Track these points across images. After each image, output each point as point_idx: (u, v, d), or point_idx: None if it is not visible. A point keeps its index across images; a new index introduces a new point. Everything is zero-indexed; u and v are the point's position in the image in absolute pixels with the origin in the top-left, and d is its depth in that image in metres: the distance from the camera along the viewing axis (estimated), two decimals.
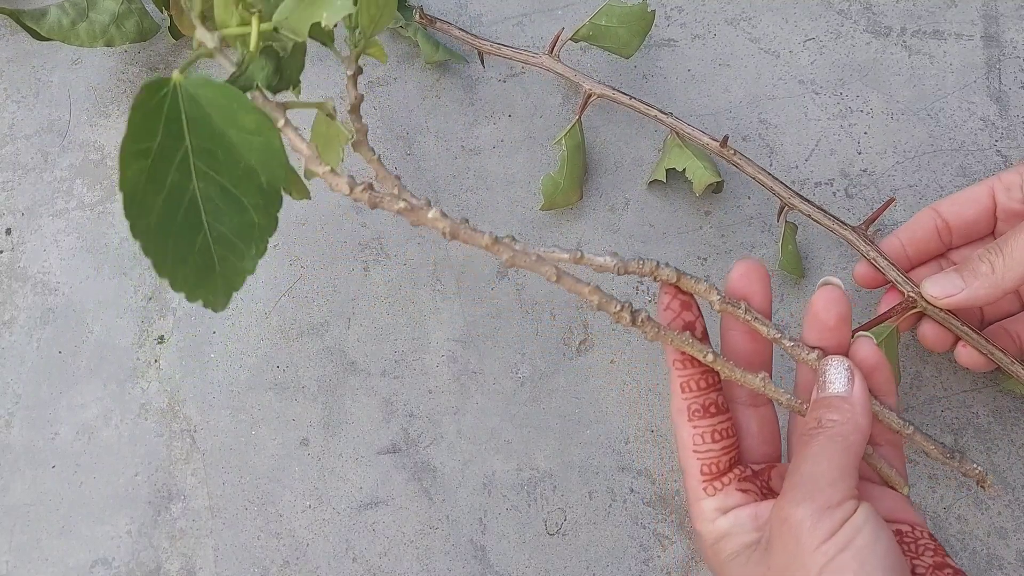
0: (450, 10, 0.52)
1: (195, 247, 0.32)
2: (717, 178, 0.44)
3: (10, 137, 0.51)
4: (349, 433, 0.45)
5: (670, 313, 0.34)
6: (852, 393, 0.32)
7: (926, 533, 0.33)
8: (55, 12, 0.48)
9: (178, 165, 0.31)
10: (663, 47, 0.51)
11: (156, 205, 0.31)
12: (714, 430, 0.33)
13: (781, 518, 0.29)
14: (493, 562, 0.43)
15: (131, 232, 0.31)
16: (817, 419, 0.32)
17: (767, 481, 0.34)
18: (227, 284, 0.34)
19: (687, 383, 0.34)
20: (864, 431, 0.31)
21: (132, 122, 0.30)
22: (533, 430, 0.44)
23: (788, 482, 0.30)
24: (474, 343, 0.46)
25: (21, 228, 0.49)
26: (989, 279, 0.35)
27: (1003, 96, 0.48)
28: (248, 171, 0.32)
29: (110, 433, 0.45)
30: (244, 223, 0.33)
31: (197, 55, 0.33)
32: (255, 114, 0.31)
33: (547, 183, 0.46)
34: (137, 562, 0.43)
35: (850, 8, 0.51)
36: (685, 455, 0.33)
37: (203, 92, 0.31)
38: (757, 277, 0.35)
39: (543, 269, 0.32)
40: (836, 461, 0.30)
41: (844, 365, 0.33)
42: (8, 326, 0.47)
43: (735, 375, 0.33)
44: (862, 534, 0.28)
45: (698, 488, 0.33)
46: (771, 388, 0.34)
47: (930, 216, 0.40)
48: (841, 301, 0.33)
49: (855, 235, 0.41)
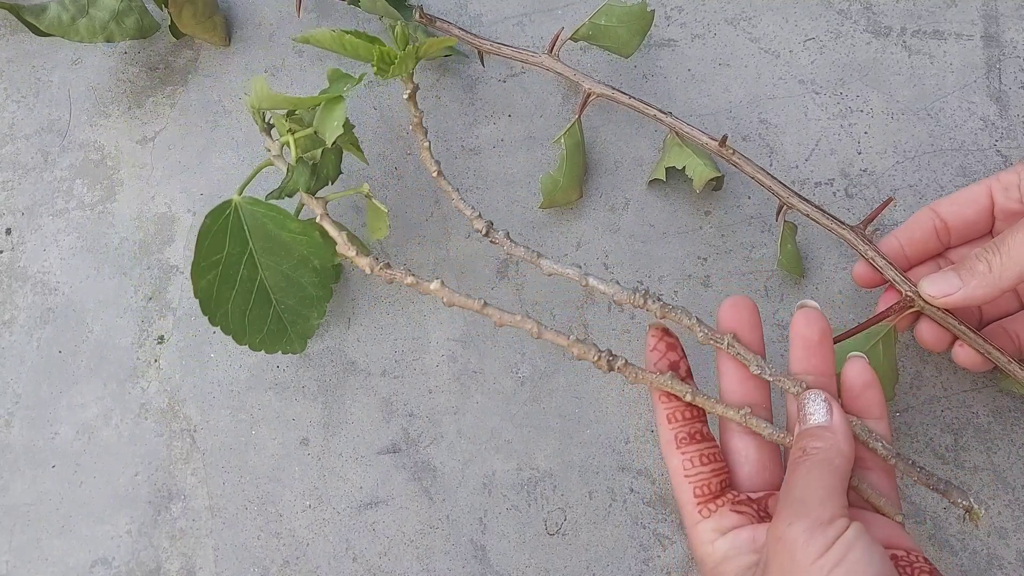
0: (450, 10, 0.52)
1: (268, 319, 0.43)
2: (717, 173, 0.44)
3: (10, 137, 0.51)
4: (349, 433, 0.45)
5: (656, 353, 0.36)
6: (832, 422, 0.33)
7: (921, 557, 0.33)
8: (55, 8, 0.48)
9: (246, 264, 0.41)
10: (663, 47, 0.51)
11: (230, 297, 0.41)
12: (702, 454, 0.35)
13: (775, 537, 0.30)
14: (493, 562, 0.43)
15: (210, 321, 0.41)
16: (802, 448, 0.33)
17: (764, 507, 0.35)
18: (300, 336, 0.44)
19: (672, 415, 0.35)
20: (847, 455, 0.33)
21: (201, 243, 0.39)
22: (533, 430, 0.44)
23: (780, 504, 0.31)
24: (474, 343, 0.46)
25: (21, 228, 0.49)
26: (987, 278, 0.35)
27: (1003, 96, 0.48)
28: (302, 259, 0.42)
29: (110, 433, 0.45)
30: (305, 296, 0.43)
31: (262, 165, 0.43)
32: (297, 221, 0.41)
33: (546, 182, 0.46)
34: (137, 562, 0.43)
35: (850, 8, 0.51)
36: (677, 482, 0.35)
37: (256, 208, 0.41)
38: (746, 311, 0.36)
39: (527, 326, 0.37)
40: (824, 481, 0.31)
41: (821, 397, 0.34)
42: (8, 326, 0.47)
43: (717, 410, 0.35)
44: (854, 550, 0.29)
45: (693, 512, 0.34)
46: (753, 421, 0.35)
47: (928, 216, 0.40)
48: (820, 319, 0.35)
49: (854, 235, 0.41)
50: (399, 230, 0.48)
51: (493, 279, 0.47)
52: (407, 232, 0.48)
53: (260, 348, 0.43)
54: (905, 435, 0.43)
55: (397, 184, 0.49)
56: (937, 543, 0.41)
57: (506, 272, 0.47)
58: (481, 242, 0.47)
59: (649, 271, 0.46)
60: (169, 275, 0.48)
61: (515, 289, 0.47)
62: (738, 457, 0.36)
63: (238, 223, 0.40)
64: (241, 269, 0.41)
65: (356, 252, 0.40)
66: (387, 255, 0.47)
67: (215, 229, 0.40)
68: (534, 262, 0.39)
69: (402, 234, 0.48)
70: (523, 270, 0.47)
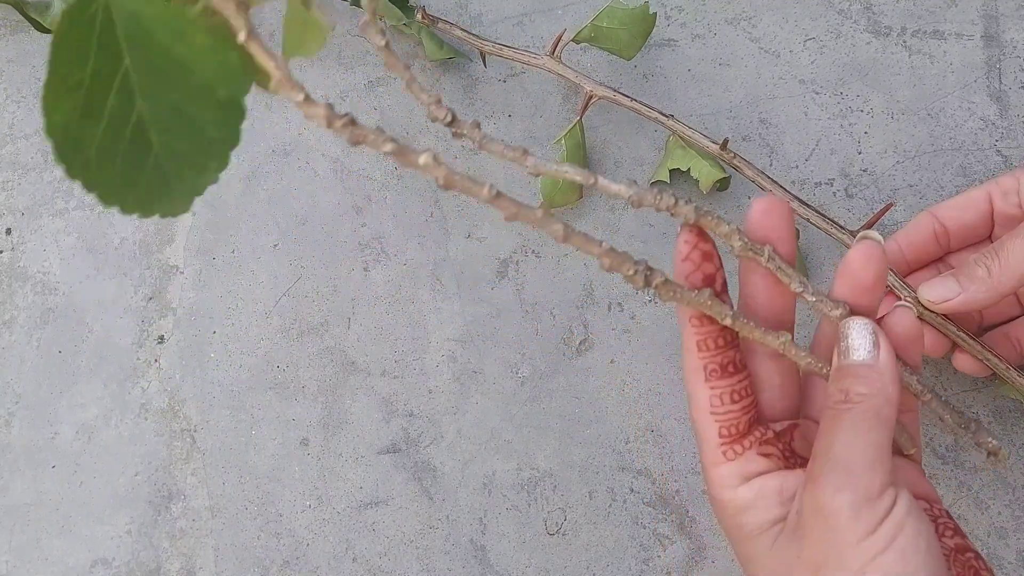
0: (450, 10, 0.52)
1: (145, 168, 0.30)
2: (723, 175, 0.44)
3: (10, 137, 0.51)
4: (349, 433, 0.45)
5: (689, 264, 0.30)
6: (879, 361, 0.29)
7: (944, 511, 0.31)
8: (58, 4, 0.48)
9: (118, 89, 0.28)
10: (663, 47, 0.51)
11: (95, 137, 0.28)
12: (733, 390, 0.31)
13: (816, 507, 0.27)
14: (493, 562, 0.43)
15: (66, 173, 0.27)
16: (844, 391, 0.29)
17: (790, 443, 0.32)
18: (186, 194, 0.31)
19: (704, 341, 0.31)
20: (895, 403, 0.29)
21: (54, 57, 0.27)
22: (533, 430, 0.44)
23: (819, 465, 0.28)
24: (474, 343, 0.46)
25: (21, 228, 0.49)
26: (985, 283, 0.35)
27: (1003, 96, 0.48)
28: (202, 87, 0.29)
29: (110, 433, 0.45)
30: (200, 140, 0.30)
31: None
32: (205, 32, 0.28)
33: (546, 183, 0.46)
34: (137, 562, 0.43)
35: (850, 8, 0.51)
36: (702, 417, 0.31)
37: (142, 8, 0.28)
38: (781, 216, 0.31)
39: (552, 227, 0.29)
40: (871, 440, 0.28)
41: (869, 328, 0.30)
42: (8, 326, 0.47)
43: (756, 335, 0.31)
44: (904, 532, 0.26)
45: (716, 453, 0.30)
46: (792, 350, 0.31)
47: (928, 220, 0.40)
48: (880, 259, 0.30)
49: (853, 239, 0.41)
50: (399, 230, 0.48)
51: (493, 279, 0.47)
52: (407, 232, 0.48)
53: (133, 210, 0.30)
54: None
55: (397, 184, 0.49)
56: None
57: (506, 272, 0.47)
58: (481, 242, 0.47)
59: None
60: (169, 275, 0.48)
61: (515, 289, 0.47)
62: (760, 383, 0.33)
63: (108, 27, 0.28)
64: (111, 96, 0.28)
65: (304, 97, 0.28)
66: (386, 255, 0.47)
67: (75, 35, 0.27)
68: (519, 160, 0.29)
69: (402, 234, 0.48)
70: (523, 270, 0.47)
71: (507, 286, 0.47)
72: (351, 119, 0.27)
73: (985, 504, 0.42)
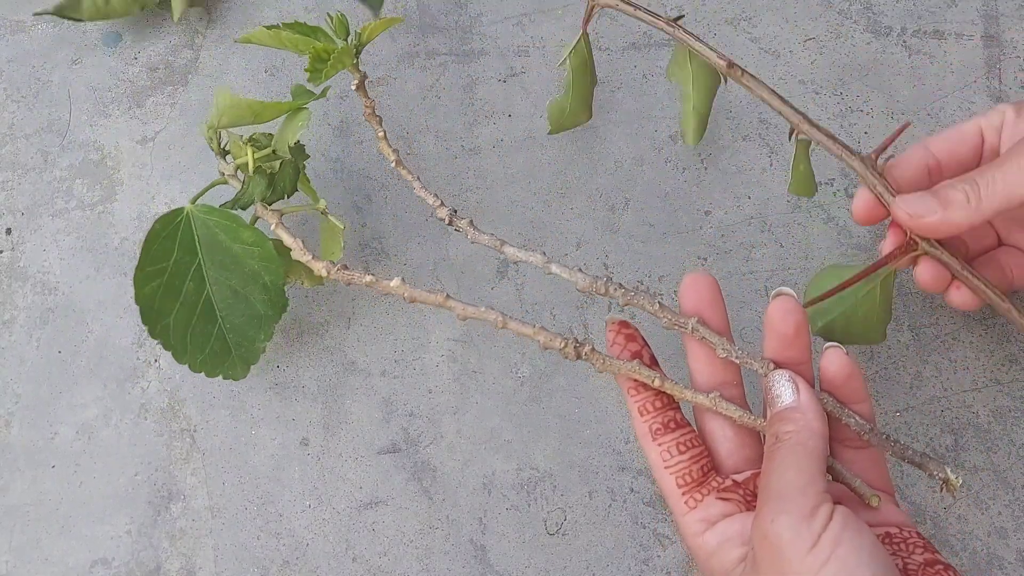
0: (450, 9, 0.52)
1: (212, 337, 0.41)
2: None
3: (10, 137, 0.51)
4: (349, 433, 0.45)
5: (617, 348, 0.36)
6: (800, 401, 0.33)
7: (915, 532, 0.33)
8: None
9: (193, 276, 0.39)
10: (663, 47, 0.51)
11: (173, 309, 0.39)
12: (678, 442, 0.34)
13: (761, 535, 0.30)
14: (493, 562, 0.43)
15: (150, 333, 0.39)
16: (775, 435, 0.32)
17: (753, 489, 0.34)
18: (244, 361, 0.42)
19: (643, 406, 0.35)
20: (820, 434, 0.32)
21: (147, 249, 0.38)
22: (533, 430, 0.44)
23: (761, 498, 0.31)
24: (474, 343, 0.46)
25: (21, 228, 0.49)
26: (964, 207, 0.35)
27: (1003, 96, 0.48)
28: (252, 274, 0.40)
29: (110, 433, 0.45)
30: (253, 315, 0.41)
31: (215, 182, 0.42)
32: (251, 230, 0.39)
33: (553, 108, 0.45)
34: (137, 562, 0.43)
35: (850, 8, 0.51)
36: (659, 475, 0.34)
37: (209, 217, 0.39)
38: (706, 289, 0.35)
39: (490, 317, 0.36)
40: (800, 467, 0.30)
41: (786, 376, 0.33)
42: (8, 326, 0.47)
43: (685, 395, 0.35)
44: (844, 543, 0.28)
45: (680, 503, 0.33)
46: (723, 405, 0.34)
47: (921, 154, 0.39)
48: (796, 311, 0.33)
49: (863, 165, 0.39)
50: (399, 230, 0.48)
51: (493, 279, 0.47)
52: (407, 232, 0.48)
53: (200, 369, 0.41)
54: (905, 435, 0.43)
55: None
56: (938, 543, 0.41)
57: (506, 272, 0.47)
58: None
59: (649, 271, 0.46)
60: None
61: (515, 289, 0.47)
62: (716, 437, 0.35)
63: (188, 232, 0.39)
64: (187, 281, 0.39)
65: (311, 257, 0.39)
66: (386, 254, 0.47)
67: (164, 235, 0.38)
68: (499, 249, 0.38)
69: (402, 234, 0.48)
70: (523, 270, 0.47)
71: (507, 286, 0.47)
72: (343, 265, 0.39)
73: (985, 504, 0.42)
